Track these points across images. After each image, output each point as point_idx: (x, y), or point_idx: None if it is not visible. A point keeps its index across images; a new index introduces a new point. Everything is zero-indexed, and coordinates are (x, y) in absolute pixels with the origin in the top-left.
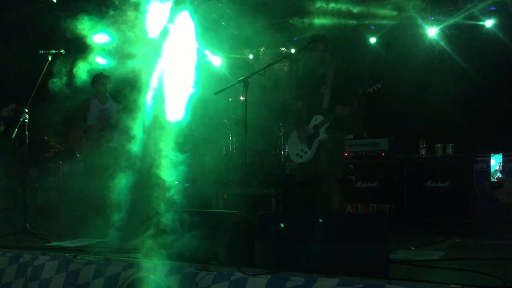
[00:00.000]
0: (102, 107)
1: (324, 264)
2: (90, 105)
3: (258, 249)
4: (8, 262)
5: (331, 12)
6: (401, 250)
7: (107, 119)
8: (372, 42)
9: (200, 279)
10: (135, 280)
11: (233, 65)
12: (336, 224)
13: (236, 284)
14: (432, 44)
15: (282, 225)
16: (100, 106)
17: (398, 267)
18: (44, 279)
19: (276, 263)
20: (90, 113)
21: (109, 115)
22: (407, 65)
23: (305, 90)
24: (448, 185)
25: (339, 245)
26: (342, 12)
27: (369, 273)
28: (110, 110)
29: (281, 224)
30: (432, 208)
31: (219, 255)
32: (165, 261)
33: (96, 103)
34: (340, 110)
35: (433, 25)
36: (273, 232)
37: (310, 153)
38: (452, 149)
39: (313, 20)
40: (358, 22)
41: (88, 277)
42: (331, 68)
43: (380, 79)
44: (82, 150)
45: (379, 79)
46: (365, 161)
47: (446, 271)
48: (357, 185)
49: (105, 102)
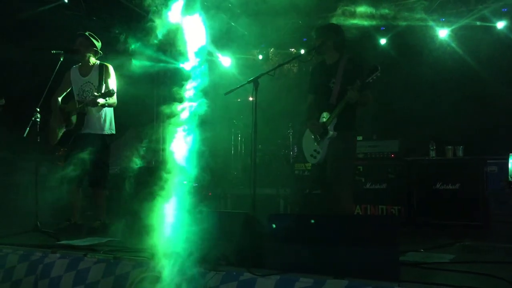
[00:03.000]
0: (81, 81)
1: (333, 265)
2: (72, 78)
3: (267, 249)
4: (19, 260)
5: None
6: (411, 253)
7: (87, 96)
8: (382, 43)
9: (209, 279)
10: (145, 279)
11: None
12: (346, 226)
13: (244, 284)
14: (443, 45)
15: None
16: (81, 79)
17: (408, 269)
18: (54, 277)
19: (285, 264)
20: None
21: (89, 90)
22: (417, 66)
23: (316, 82)
24: (458, 188)
25: (349, 247)
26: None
27: (378, 275)
28: (91, 83)
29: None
30: (441, 211)
31: (228, 255)
32: (174, 261)
33: (77, 75)
34: (350, 94)
35: (444, 26)
36: (283, 233)
37: (322, 153)
38: (462, 151)
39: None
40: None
41: (97, 276)
42: (343, 59)
43: (378, 67)
44: (53, 139)
45: (377, 67)
46: (375, 162)
47: (456, 274)
48: (366, 186)
49: (88, 73)
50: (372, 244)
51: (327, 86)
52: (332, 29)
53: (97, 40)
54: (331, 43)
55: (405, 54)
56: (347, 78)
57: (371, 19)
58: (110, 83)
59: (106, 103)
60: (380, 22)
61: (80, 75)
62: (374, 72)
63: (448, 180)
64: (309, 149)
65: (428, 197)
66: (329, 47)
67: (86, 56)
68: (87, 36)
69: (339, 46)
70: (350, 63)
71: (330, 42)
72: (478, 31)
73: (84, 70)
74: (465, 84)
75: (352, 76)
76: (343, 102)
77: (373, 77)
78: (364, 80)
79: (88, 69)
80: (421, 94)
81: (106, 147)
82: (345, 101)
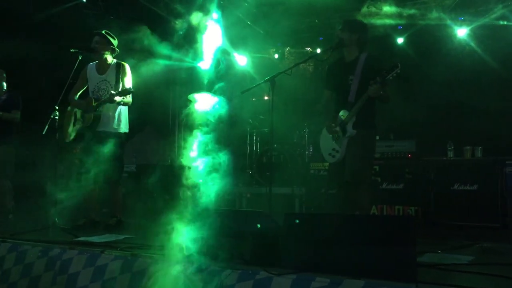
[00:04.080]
0: (98, 79)
1: (349, 265)
2: (88, 75)
3: (283, 249)
4: (38, 256)
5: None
6: (428, 254)
7: (102, 94)
8: (399, 42)
9: (225, 277)
10: (161, 276)
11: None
12: (363, 226)
13: (260, 283)
14: (461, 45)
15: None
16: (98, 77)
17: (425, 270)
18: (72, 273)
19: (301, 263)
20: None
21: (106, 88)
22: (435, 65)
23: (333, 79)
24: (476, 189)
25: (366, 247)
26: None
27: (395, 276)
28: (108, 82)
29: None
30: (459, 212)
31: (244, 254)
32: (191, 258)
33: (94, 73)
34: (373, 87)
35: (462, 25)
36: (299, 232)
37: (342, 152)
38: (481, 151)
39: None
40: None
41: (115, 272)
42: (362, 56)
43: (398, 64)
44: (68, 137)
45: (397, 64)
46: (391, 162)
47: (475, 276)
48: (382, 186)
49: (105, 71)
50: (389, 244)
51: (345, 83)
52: (360, 25)
53: (114, 38)
54: (356, 38)
55: (423, 53)
56: (366, 75)
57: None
58: (126, 82)
59: (122, 101)
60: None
61: (96, 73)
62: (394, 69)
63: (466, 181)
64: (327, 148)
65: (445, 197)
66: (353, 41)
67: (103, 55)
68: (104, 34)
69: (362, 43)
70: (369, 60)
71: (355, 37)
72: (498, 30)
73: (101, 68)
74: (483, 84)
75: (371, 73)
76: (363, 98)
77: (393, 74)
78: (384, 76)
79: (105, 67)
80: (439, 93)
81: (121, 144)
82: (366, 96)
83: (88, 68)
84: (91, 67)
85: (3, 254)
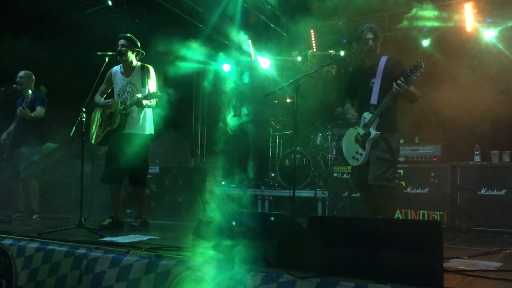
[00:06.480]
0: (123, 81)
1: (374, 270)
2: (113, 78)
3: (307, 252)
4: (65, 255)
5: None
6: (455, 259)
7: (128, 96)
8: (425, 44)
9: (248, 280)
10: (185, 277)
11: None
12: (389, 230)
13: (284, 286)
14: (488, 47)
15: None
16: (123, 80)
17: (452, 276)
18: (98, 272)
19: (325, 267)
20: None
21: (131, 90)
22: (462, 68)
23: (355, 86)
24: (504, 194)
25: (391, 251)
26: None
27: (421, 281)
28: (133, 84)
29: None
30: (486, 217)
31: (267, 257)
32: (215, 260)
33: (119, 75)
34: (398, 85)
35: (490, 27)
36: (323, 236)
37: (365, 155)
38: (509, 156)
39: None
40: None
41: (140, 273)
42: (382, 59)
43: (421, 63)
44: (96, 138)
45: (421, 63)
46: (416, 166)
47: (503, 283)
48: (407, 190)
49: (130, 74)
50: (415, 249)
51: (367, 87)
52: (379, 30)
53: (138, 42)
54: (379, 44)
55: (449, 56)
56: (388, 76)
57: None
58: (151, 84)
59: (147, 105)
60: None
61: (122, 76)
62: (418, 69)
63: (493, 186)
64: (351, 151)
65: (472, 202)
66: (378, 46)
67: (128, 58)
68: (129, 37)
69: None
70: (389, 62)
71: (379, 42)
72: None
73: (126, 71)
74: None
75: (392, 75)
76: (386, 99)
77: (417, 73)
78: (408, 76)
79: (130, 70)
80: (466, 97)
81: (146, 146)
82: (390, 97)
83: (112, 71)
84: (116, 70)
85: (31, 253)
